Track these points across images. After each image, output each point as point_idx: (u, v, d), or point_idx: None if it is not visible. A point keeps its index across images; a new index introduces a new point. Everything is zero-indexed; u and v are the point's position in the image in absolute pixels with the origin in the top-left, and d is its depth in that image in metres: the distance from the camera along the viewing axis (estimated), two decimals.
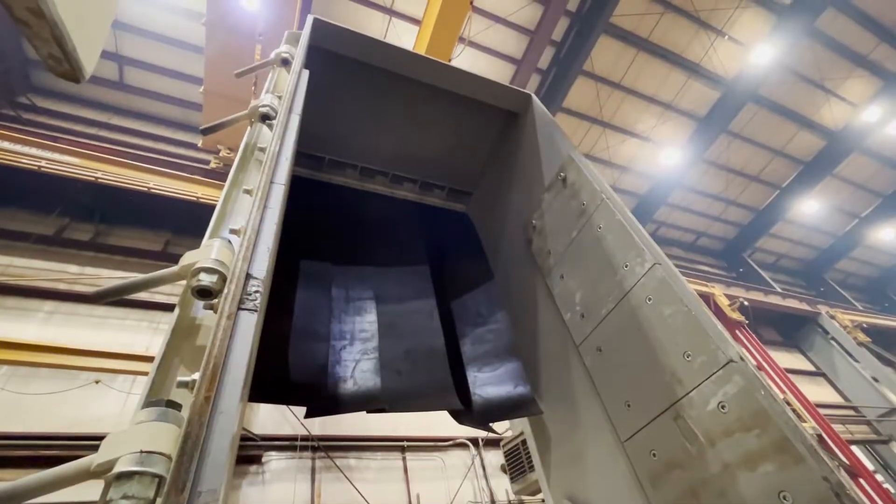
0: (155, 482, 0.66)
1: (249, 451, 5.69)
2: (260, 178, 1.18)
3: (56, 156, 6.39)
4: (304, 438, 6.12)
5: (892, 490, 11.68)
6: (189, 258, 0.99)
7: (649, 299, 1.67)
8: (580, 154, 2.16)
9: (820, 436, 8.99)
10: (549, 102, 12.26)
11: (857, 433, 11.86)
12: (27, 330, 5.25)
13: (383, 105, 2.67)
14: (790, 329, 14.21)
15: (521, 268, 2.54)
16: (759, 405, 1.28)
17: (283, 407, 6.30)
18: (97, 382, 5.05)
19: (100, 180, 6.39)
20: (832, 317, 13.48)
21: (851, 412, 12.36)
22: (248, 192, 1.28)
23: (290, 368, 1.87)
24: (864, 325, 13.53)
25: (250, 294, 0.88)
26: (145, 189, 6.64)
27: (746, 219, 17.80)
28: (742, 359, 1.37)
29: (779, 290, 14.72)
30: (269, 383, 1.77)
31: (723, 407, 1.37)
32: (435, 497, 6.43)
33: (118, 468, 0.65)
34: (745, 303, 11.15)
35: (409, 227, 2.99)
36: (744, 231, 18.07)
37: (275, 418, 6.19)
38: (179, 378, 0.80)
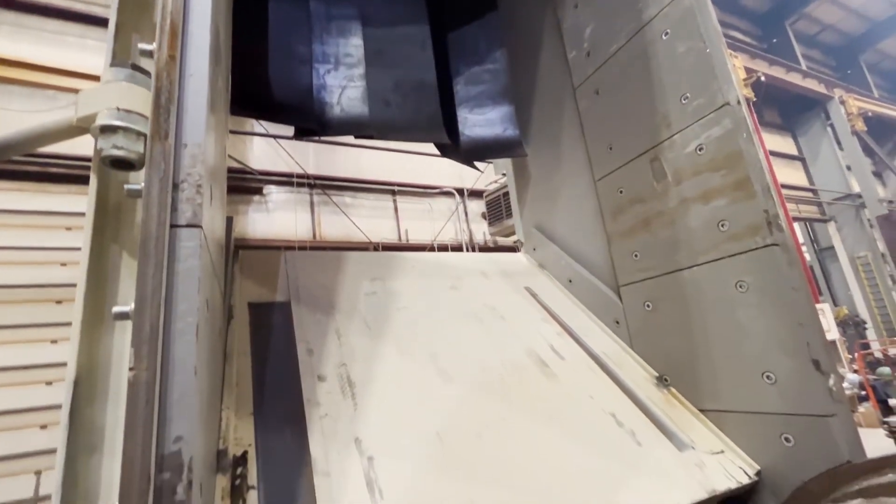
0: (141, 139, 0.69)
1: (250, 184, 6.12)
2: None
3: None
4: (301, 176, 6.50)
5: (808, 258, 13.96)
6: None
7: (666, 33, 1.50)
8: None
9: None
10: None
11: (805, 212, 13.14)
12: None
13: None
14: (793, 112, 13.86)
15: None
16: (737, 147, 1.31)
17: (276, 145, 6.45)
18: None
19: None
20: (843, 102, 12.95)
21: (810, 195, 13.37)
22: None
23: (271, 85, 1.79)
24: (869, 114, 13.19)
25: None
26: None
27: None
28: (738, 103, 1.34)
29: (804, 67, 13.54)
30: (251, 97, 1.72)
31: (700, 149, 1.42)
32: (421, 234, 7.39)
33: (100, 121, 0.66)
34: (762, 78, 10.43)
35: None
36: None
37: (269, 155, 6.41)
38: (141, 46, 0.74)
